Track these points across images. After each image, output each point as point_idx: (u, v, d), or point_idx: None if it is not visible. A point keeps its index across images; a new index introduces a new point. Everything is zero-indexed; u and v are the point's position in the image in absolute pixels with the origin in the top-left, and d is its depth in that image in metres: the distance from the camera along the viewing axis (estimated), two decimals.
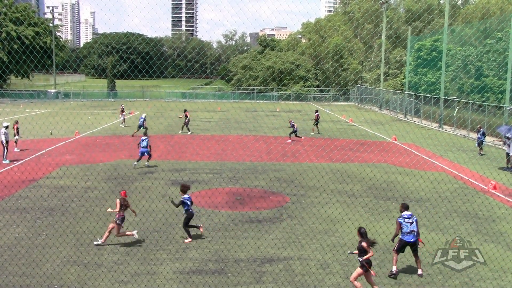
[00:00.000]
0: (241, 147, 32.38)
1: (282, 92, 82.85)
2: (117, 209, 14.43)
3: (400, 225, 12.71)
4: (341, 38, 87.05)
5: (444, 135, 40.77)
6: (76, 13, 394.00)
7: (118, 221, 14.34)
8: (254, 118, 52.36)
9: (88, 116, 49.94)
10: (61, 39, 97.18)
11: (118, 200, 14.65)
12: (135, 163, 25.56)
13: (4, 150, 26.73)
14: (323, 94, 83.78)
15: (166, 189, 20.97)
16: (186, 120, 38.40)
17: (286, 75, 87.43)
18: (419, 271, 12.84)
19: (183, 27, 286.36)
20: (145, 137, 26.14)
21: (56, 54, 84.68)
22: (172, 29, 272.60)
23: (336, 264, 13.32)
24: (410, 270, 13.10)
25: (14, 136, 29.63)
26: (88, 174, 23.37)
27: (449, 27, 50.81)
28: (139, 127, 36.75)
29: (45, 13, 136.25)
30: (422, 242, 13.06)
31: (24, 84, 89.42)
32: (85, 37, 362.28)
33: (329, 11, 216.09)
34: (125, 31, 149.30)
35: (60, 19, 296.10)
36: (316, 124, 40.66)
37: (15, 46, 79.00)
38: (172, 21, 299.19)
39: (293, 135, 35.63)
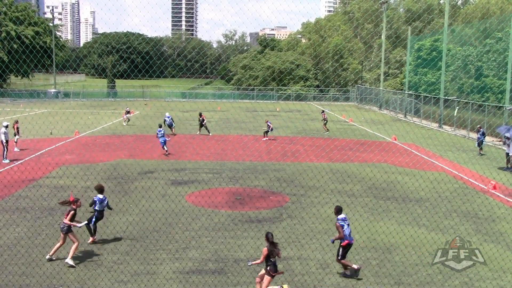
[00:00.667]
0: (241, 147, 32.39)
1: (282, 92, 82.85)
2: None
3: (341, 228, 12.68)
4: (341, 38, 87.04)
5: (444, 135, 40.78)
6: (76, 13, 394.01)
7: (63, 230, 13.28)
8: (254, 118, 52.36)
9: (88, 116, 49.94)
10: (61, 39, 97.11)
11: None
12: (166, 149, 29.30)
13: (4, 150, 26.73)
14: (323, 94, 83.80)
15: (166, 189, 20.97)
16: (203, 122, 38.59)
17: (286, 75, 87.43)
18: (355, 266, 12.70)
19: (183, 27, 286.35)
20: (161, 128, 29.94)
21: (56, 53, 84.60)
22: (172, 29, 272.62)
23: (336, 264, 13.31)
24: (410, 271, 13.10)
25: (14, 135, 29.64)
26: (88, 174, 23.37)
27: (449, 27, 50.82)
28: (170, 126, 38.52)
29: (45, 13, 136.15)
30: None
31: (24, 83, 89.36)
32: (85, 37, 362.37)
33: (329, 11, 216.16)
34: (125, 31, 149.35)
35: (60, 19, 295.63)
36: (325, 124, 40.94)
37: (15, 46, 78.94)
38: (172, 20, 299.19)
39: (268, 134, 36.72)
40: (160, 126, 30.25)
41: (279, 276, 11.78)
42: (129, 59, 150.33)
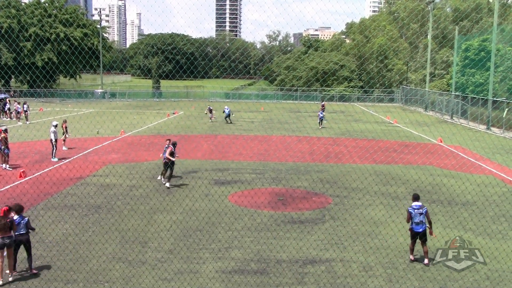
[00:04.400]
0: (284, 148, 32.37)
1: (325, 92, 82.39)
2: None
3: (410, 215, 13.22)
4: (385, 38, 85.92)
5: (492, 137, 39.74)
6: (123, 15, 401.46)
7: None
8: (297, 119, 52.26)
9: (133, 116, 50.82)
10: (108, 40, 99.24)
11: None
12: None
13: (53, 149, 27.45)
14: (367, 95, 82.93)
15: (209, 189, 21.14)
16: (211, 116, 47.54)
17: (330, 76, 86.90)
18: (426, 261, 13.28)
19: (227, 28, 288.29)
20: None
21: (103, 54, 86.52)
22: (216, 30, 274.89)
23: (379, 266, 13.16)
24: (456, 276, 12.83)
25: (63, 134, 30.41)
26: (133, 173, 23.77)
27: (498, 26, 49.49)
28: (227, 116, 46.82)
29: (92, 15, 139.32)
30: (432, 233, 13.34)
31: (72, 84, 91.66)
32: (131, 38, 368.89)
33: (374, 11, 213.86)
34: (170, 32, 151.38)
35: (107, 21, 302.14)
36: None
37: (64, 47, 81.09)
38: (216, 21, 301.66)
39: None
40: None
41: None
42: (174, 60, 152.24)
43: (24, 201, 18.53)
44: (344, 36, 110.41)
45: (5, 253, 12.11)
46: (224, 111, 47.58)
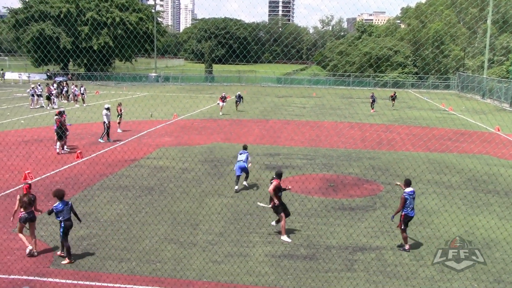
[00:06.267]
0: (336, 134, 32.14)
1: (379, 79, 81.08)
2: (16, 207, 12.69)
3: (405, 201, 13.25)
4: (442, 23, 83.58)
5: None
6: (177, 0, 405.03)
7: (21, 220, 12.59)
8: (349, 105, 51.73)
9: (186, 100, 51.43)
10: (162, 25, 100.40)
11: (18, 196, 12.78)
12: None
13: (104, 130, 28.08)
14: (421, 81, 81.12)
15: (260, 173, 21.23)
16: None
17: (384, 62, 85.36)
18: (407, 247, 13.42)
19: (280, 12, 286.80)
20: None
21: (158, 39, 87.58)
22: (269, 15, 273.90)
23: (431, 256, 12.94)
24: (511, 268, 12.52)
25: (118, 117, 31.07)
26: (186, 156, 24.12)
27: None
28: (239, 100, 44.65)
29: (147, 0, 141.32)
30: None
31: (127, 67, 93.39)
32: (185, 23, 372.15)
33: None
34: (223, 17, 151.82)
35: (162, 5, 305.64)
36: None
37: (120, 31, 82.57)
38: (269, 6, 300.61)
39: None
40: None
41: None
42: (227, 45, 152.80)
43: (81, 181, 19.15)
44: (399, 21, 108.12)
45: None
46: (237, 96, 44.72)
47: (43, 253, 12.63)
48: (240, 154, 18.92)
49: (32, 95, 42.95)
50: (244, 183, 19.17)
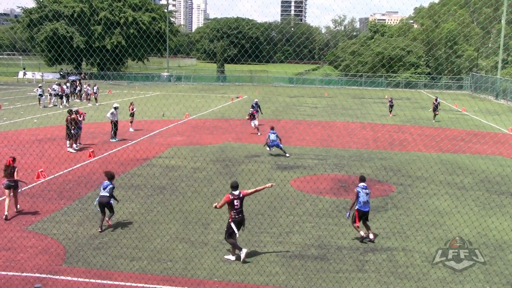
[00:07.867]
0: (347, 134, 32.06)
1: (391, 79, 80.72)
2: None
3: (357, 194, 13.64)
4: (456, 23, 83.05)
5: None
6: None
7: (3, 185, 15.23)
8: (361, 105, 51.57)
9: (198, 99, 51.54)
10: (174, 24, 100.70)
11: (3, 167, 15.53)
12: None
13: (112, 129, 28.19)
14: (434, 82, 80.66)
15: (272, 173, 21.25)
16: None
17: (396, 62, 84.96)
18: (371, 236, 13.86)
19: (292, 12, 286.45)
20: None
21: (170, 38, 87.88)
22: (282, 14, 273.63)
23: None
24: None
25: (130, 116, 31.23)
26: (197, 155, 24.18)
27: None
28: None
29: (160, 0, 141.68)
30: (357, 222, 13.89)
31: (140, 67, 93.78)
32: (197, 22, 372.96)
33: None
34: (235, 16, 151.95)
35: (174, 5, 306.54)
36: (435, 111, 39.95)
37: (133, 31, 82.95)
38: (282, 6, 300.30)
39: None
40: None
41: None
42: (239, 44, 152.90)
43: (94, 180, 19.26)
44: (412, 21, 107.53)
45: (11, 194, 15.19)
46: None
47: (56, 251, 12.74)
48: (272, 133, 24.90)
49: (40, 95, 42.89)
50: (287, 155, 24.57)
